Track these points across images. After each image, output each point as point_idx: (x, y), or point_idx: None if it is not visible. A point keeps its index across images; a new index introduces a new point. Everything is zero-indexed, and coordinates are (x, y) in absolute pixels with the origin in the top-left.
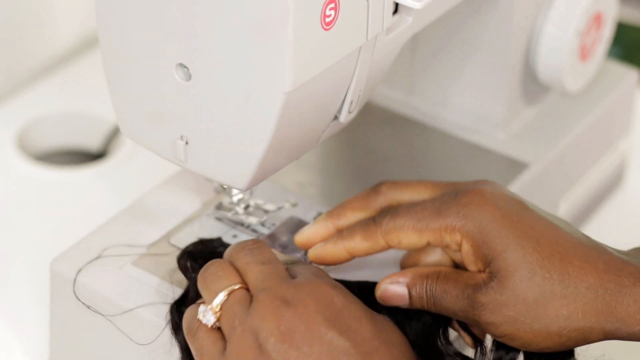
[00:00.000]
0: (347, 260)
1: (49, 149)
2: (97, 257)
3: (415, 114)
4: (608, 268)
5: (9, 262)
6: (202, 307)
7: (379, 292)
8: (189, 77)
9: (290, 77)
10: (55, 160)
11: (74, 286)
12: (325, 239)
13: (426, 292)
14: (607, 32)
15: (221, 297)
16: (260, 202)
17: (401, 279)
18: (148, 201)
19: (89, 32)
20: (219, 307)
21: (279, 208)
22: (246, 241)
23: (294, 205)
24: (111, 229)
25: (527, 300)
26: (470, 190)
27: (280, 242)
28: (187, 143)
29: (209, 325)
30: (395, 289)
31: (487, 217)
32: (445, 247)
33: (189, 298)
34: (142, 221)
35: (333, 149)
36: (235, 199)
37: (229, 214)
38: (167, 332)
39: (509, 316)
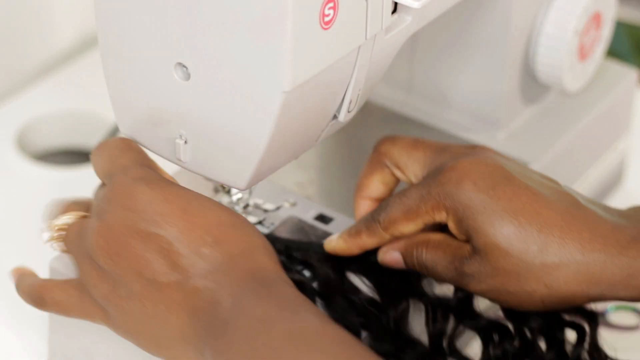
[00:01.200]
0: (361, 253)
1: (48, 149)
2: None
3: (414, 113)
4: (593, 237)
5: (9, 261)
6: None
7: (379, 258)
8: (187, 76)
9: (289, 77)
10: (55, 160)
11: None
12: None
13: (417, 260)
14: (607, 32)
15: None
16: (259, 201)
17: (395, 245)
18: None
19: (89, 32)
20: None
21: (278, 207)
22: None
23: (293, 204)
24: None
25: (508, 272)
26: (449, 167)
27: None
28: (186, 142)
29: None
30: (391, 256)
31: (463, 194)
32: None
33: None
34: None
35: (332, 148)
36: (234, 198)
37: None
38: None
39: (493, 285)
